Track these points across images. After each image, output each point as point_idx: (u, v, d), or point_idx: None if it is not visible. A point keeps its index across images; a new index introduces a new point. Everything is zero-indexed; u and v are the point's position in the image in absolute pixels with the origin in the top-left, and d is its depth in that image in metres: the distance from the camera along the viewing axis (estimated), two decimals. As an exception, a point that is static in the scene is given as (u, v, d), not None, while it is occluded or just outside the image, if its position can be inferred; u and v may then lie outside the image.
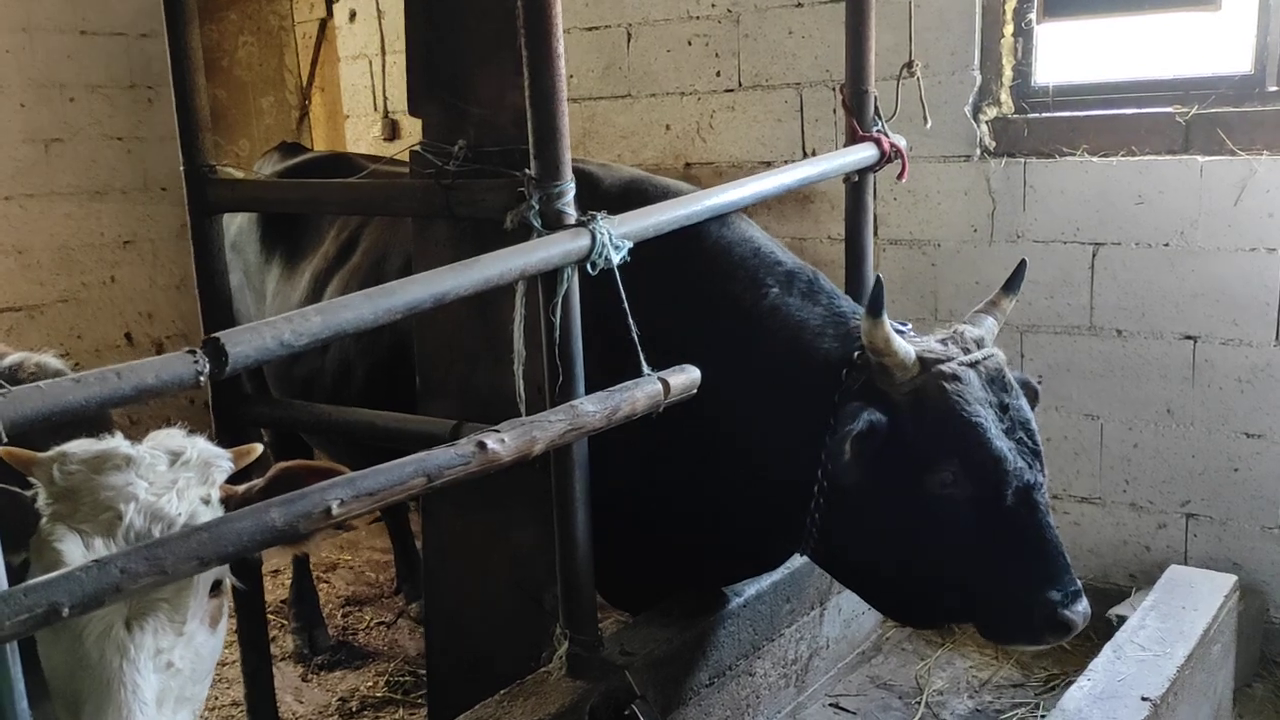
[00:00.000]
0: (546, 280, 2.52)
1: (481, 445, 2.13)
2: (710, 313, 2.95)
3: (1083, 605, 2.54)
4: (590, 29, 5.31)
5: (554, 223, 2.52)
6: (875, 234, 4.56)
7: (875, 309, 2.57)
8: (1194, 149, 3.92)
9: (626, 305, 2.53)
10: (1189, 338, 3.99)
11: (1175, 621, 2.99)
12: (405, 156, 3.00)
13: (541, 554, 2.84)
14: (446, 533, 3.11)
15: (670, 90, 5.12)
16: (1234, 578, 3.29)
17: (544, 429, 2.26)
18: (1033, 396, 2.87)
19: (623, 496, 2.98)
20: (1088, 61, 4.23)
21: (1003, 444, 2.56)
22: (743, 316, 2.92)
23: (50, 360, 2.50)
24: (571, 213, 2.55)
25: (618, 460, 2.80)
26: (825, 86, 4.64)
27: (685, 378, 2.57)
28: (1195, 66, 3.99)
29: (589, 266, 2.53)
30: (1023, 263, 2.94)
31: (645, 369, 2.54)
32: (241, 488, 1.97)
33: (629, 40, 5.21)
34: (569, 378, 2.57)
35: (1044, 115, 4.24)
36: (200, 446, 1.95)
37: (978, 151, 4.33)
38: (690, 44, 5.03)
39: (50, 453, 1.85)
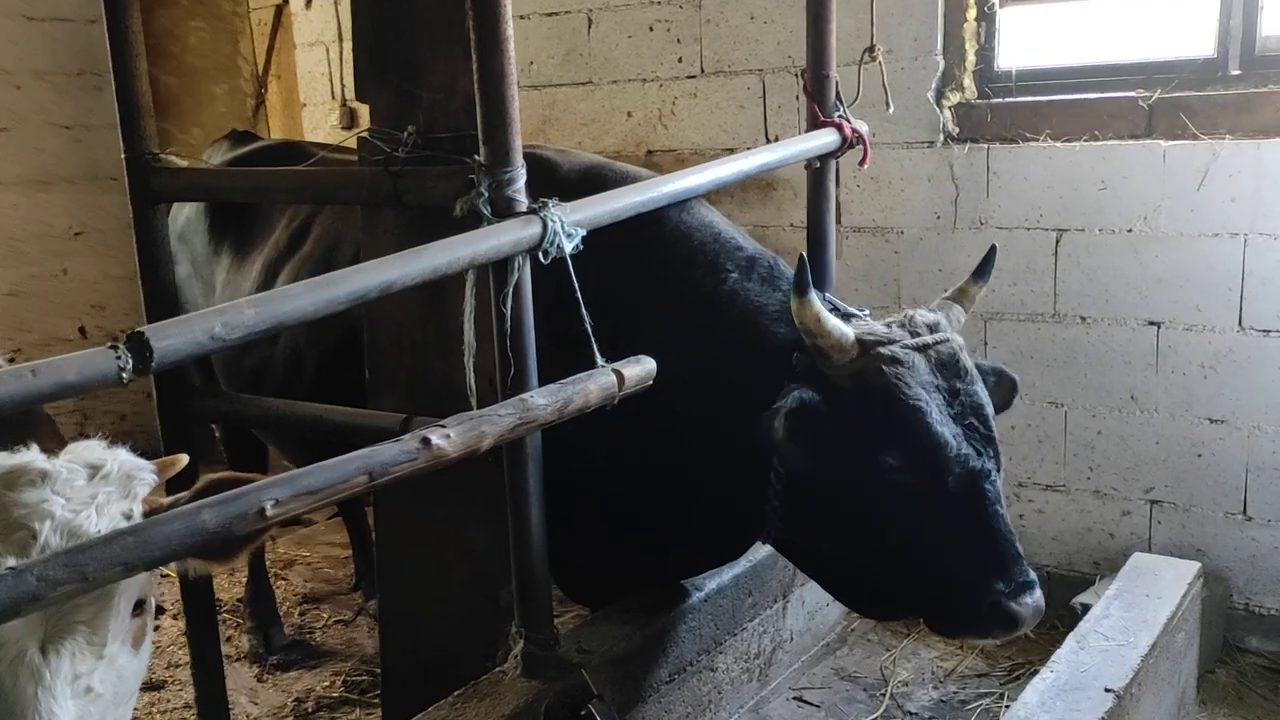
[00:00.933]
0: (497, 269, 2.44)
1: (426, 441, 2.05)
2: (670, 298, 2.89)
3: (1032, 598, 2.45)
4: (550, 14, 5.22)
5: (504, 210, 2.44)
6: (839, 221, 4.52)
7: (801, 287, 2.50)
8: (1157, 133, 3.89)
9: (579, 294, 2.46)
10: (1152, 324, 3.97)
11: (1139, 610, 2.96)
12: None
13: (496, 549, 2.77)
14: (399, 527, 3.03)
15: (632, 77, 5.05)
16: (1197, 564, 3.27)
17: (492, 424, 2.18)
18: (1010, 387, 2.82)
19: (580, 488, 2.92)
20: (1051, 46, 4.19)
21: (945, 429, 2.49)
22: (702, 301, 2.86)
23: (-25, 354, 2.39)
24: (523, 200, 2.47)
25: (574, 451, 2.73)
26: (788, 73, 4.58)
27: (640, 369, 2.50)
28: (1158, 50, 3.96)
29: (541, 255, 2.46)
30: (992, 249, 2.89)
31: (599, 360, 2.47)
32: (168, 500, 1.88)
33: (590, 26, 5.12)
34: (521, 370, 2.49)
35: (1007, 100, 4.20)
36: (121, 459, 1.83)
37: (941, 137, 4.29)
38: (652, 29, 4.95)
39: None
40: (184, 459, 2.01)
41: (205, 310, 1.81)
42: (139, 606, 1.81)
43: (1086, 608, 3.42)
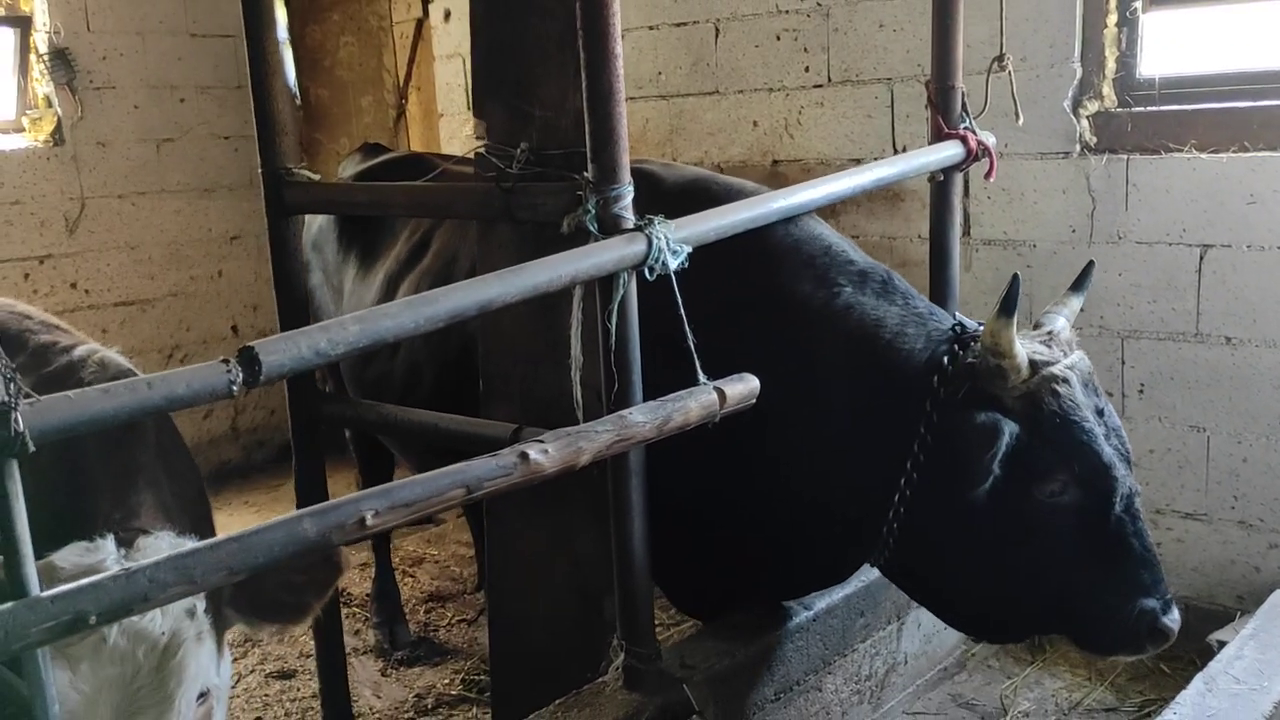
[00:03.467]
0: (603, 285, 2.47)
1: (524, 456, 2.09)
2: (778, 314, 2.87)
3: (1176, 614, 2.52)
4: (679, 24, 5.24)
5: (610, 227, 2.47)
6: (968, 234, 4.41)
7: (1009, 308, 2.49)
8: (1313, 144, 3.66)
9: (683, 311, 2.46)
10: (1305, 346, 3.73)
11: (1275, 653, 2.79)
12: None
13: (603, 560, 2.80)
14: (510, 535, 3.09)
15: (758, 86, 5.02)
16: (1346, 606, 3.06)
17: (590, 440, 2.21)
18: None
19: (690, 503, 2.93)
20: (1197, 52, 3.98)
21: (1111, 451, 2.49)
22: (813, 317, 2.83)
23: (114, 357, 2.53)
24: (629, 217, 2.49)
25: (685, 466, 2.74)
26: (917, 81, 4.47)
27: (743, 387, 2.49)
28: (1314, 56, 3.72)
29: (646, 272, 2.47)
30: (1090, 263, 2.90)
31: (701, 377, 2.47)
32: None
33: (717, 36, 5.12)
34: (625, 385, 2.51)
35: (1149, 109, 4.01)
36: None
37: (1077, 148, 4.12)
38: (779, 39, 4.92)
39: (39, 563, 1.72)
40: None
41: (311, 327, 1.90)
42: (203, 697, 1.89)
43: (1223, 645, 3.24)
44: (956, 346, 2.65)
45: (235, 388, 1.75)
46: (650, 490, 2.62)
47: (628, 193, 2.49)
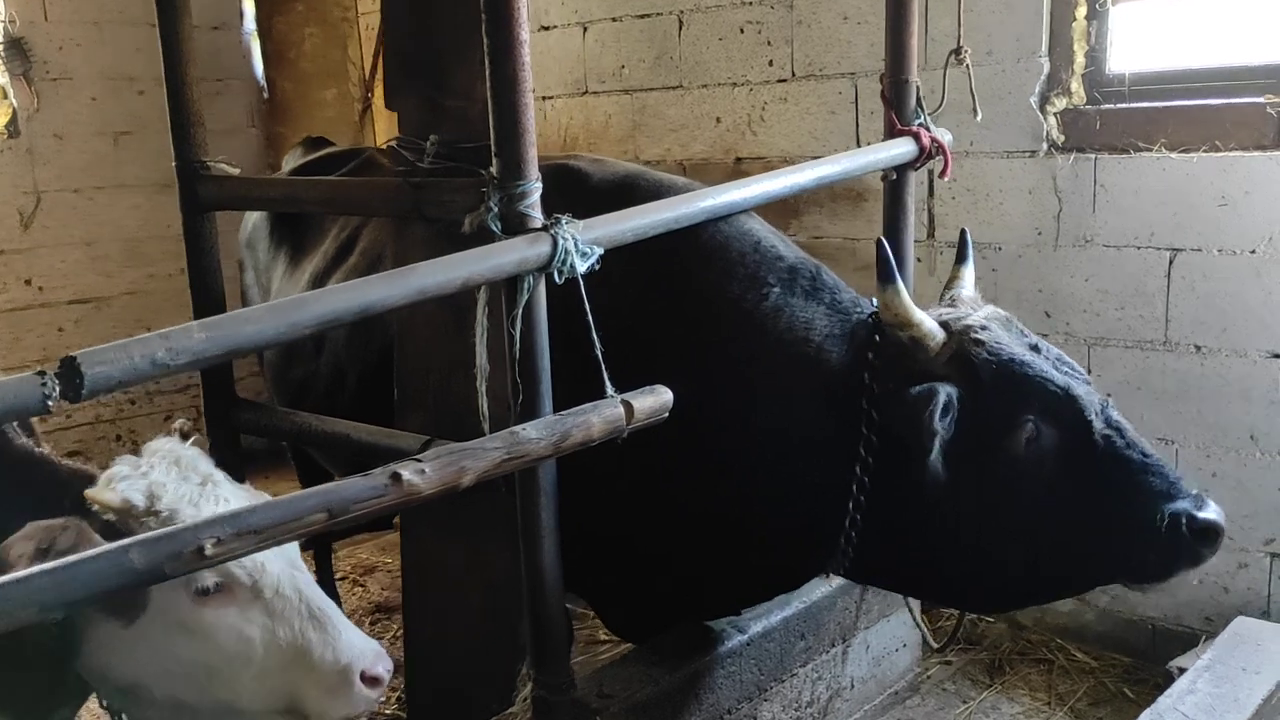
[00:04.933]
0: (508, 289, 2.30)
1: (396, 477, 1.91)
2: (708, 316, 2.70)
3: (1213, 505, 2.30)
4: (642, 16, 5.06)
5: (515, 226, 2.30)
6: (932, 235, 4.24)
7: (886, 275, 2.36)
8: (1287, 144, 3.47)
9: (590, 318, 2.29)
10: (1276, 356, 3.55)
11: (1230, 686, 2.62)
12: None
13: (517, 581, 2.63)
14: (425, 553, 2.92)
15: (721, 81, 4.84)
16: (1311, 635, 2.89)
17: (475, 458, 2.03)
18: None
19: (617, 518, 2.76)
20: (1169, 47, 3.79)
21: (1062, 377, 2.38)
22: (744, 319, 2.66)
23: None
24: (536, 215, 2.32)
25: (607, 477, 2.57)
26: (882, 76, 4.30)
27: (653, 400, 2.31)
28: (1289, 52, 3.54)
29: (556, 275, 2.30)
30: (963, 231, 2.85)
31: (609, 390, 2.30)
32: None
33: (680, 28, 4.94)
34: (531, 397, 2.34)
35: (1119, 106, 3.82)
36: None
37: (1044, 146, 3.94)
38: (743, 31, 4.74)
39: None
40: None
41: (149, 335, 1.72)
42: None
43: (1184, 672, 3.07)
44: (877, 337, 2.50)
45: (51, 403, 1.57)
46: (573, 504, 2.46)
47: (534, 189, 2.31)
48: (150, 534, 1.67)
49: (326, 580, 4.50)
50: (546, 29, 5.44)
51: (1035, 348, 2.46)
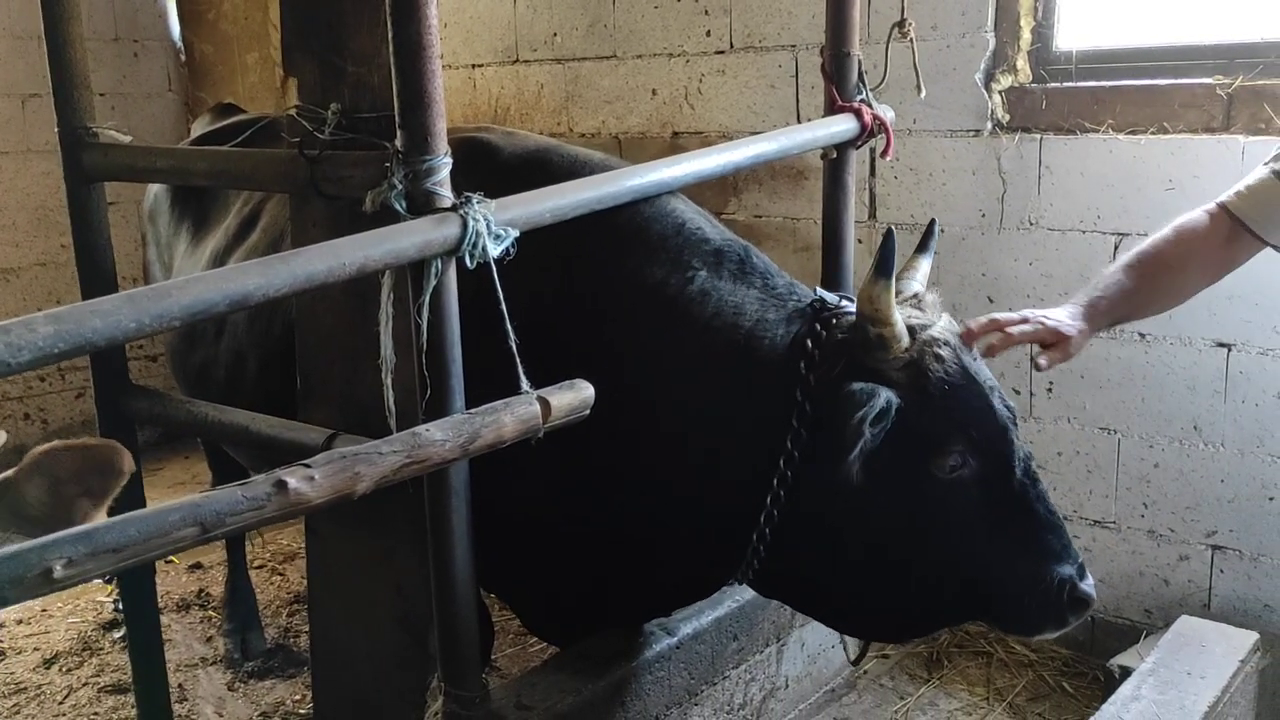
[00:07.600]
0: (414, 275, 2.10)
1: (281, 485, 1.72)
2: (628, 302, 2.52)
3: (1091, 579, 2.32)
4: (576, -19, 4.85)
5: (422, 206, 2.09)
6: (873, 216, 4.07)
7: (885, 269, 2.18)
8: (1236, 126, 3.37)
9: (503, 307, 2.11)
10: (1222, 345, 3.46)
11: (1176, 692, 2.51)
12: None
13: (427, 586, 2.44)
14: (329, 552, 2.72)
15: (657, 51, 4.65)
16: (1254, 635, 2.80)
17: (372, 463, 1.83)
18: None
19: (533, 514, 2.59)
20: (1117, 25, 3.67)
21: (1004, 411, 2.28)
22: (667, 305, 2.48)
23: None
24: (445, 194, 2.11)
25: (525, 472, 2.39)
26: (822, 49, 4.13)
27: (573, 396, 2.13)
28: (1240, 31, 3.42)
29: (467, 259, 2.11)
30: (932, 221, 2.68)
31: (524, 385, 2.12)
32: None
33: (615, -6, 4.74)
34: (441, 392, 2.15)
35: (1065, 85, 3.70)
36: None
37: (989, 125, 3.82)
38: (680, -1, 4.55)
39: None
40: None
41: (-17, 328, 1.50)
42: None
43: (1126, 671, 2.98)
44: (819, 325, 2.34)
45: None
46: (487, 497, 2.28)
47: (443, 165, 2.11)
48: (-13, 555, 1.46)
49: (238, 570, 4.27)
50: (476, -7, 5.21)
51: (976, 372, 2.34)
